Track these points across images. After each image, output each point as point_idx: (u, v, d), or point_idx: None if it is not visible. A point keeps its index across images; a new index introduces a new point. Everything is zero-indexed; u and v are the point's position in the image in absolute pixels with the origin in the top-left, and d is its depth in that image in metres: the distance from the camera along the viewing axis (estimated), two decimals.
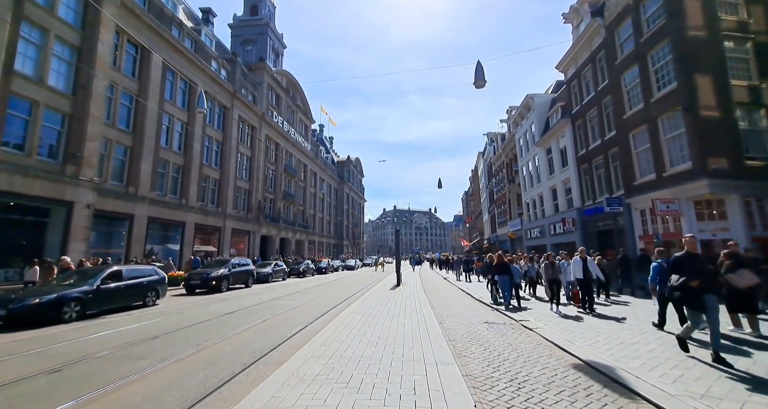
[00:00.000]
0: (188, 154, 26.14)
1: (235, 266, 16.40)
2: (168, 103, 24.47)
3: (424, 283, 18.93)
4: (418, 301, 11.07)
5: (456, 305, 10.68)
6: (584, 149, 18.62)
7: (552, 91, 25.57)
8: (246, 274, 17.26)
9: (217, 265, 15.95)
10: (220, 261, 16.72)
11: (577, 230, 18.82)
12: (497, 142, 38.96)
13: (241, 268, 17.00)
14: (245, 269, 17.33)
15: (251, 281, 17.64)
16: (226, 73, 32.13)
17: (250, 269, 17.84)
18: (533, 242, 26.12)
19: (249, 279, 17.42)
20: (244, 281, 17.13)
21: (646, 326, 6.91)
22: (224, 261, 16.39)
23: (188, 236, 25.90)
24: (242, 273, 16.90)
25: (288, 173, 43.81)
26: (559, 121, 20.90)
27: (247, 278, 17.31)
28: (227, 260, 16.52)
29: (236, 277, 16.30)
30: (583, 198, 18.94)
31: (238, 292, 15.00)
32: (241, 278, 16.83)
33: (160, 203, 23.26)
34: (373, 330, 6.57)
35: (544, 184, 23.93)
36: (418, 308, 9.42)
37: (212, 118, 29.77)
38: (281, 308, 10.24)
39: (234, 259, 16.92)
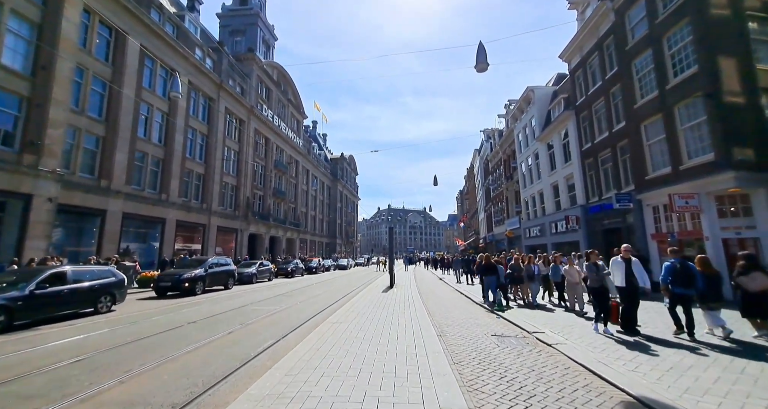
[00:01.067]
0: (169, 146, 24.59)
1: (213, 265, 15.05)
2: (147, 91, 22.90)
3: (419, 284, 17.71)
4: (413, 306, 9.82)
5: (456, 312, 9.45)
6: (589, 143, 17.53)
7: (553, 84, 24.50)
8: (225, 275, 15.89)
9: (193, 265, 14.54)
10: (196, 260, 15.29)
11: (582, 228, 17.74)
12: (494, 139, 37.89)
13: (220, 268, 15.61)
14: (225, 269, 15.94)
15: (232, 283, 16.26)
16: (212, 62, 30.55)
17: (231, 269, 16.46)
18: (532, 241, 25.05)
19: (229, 280, 16.04)
20: (224, 283, 15.78)
21: (685, 340, 5.78)
22: (201, 261, 14.98)
23: (169, 234, 24.38)
24: (221, 274, 15.52)
25: (278, 169, 42.30)
26: (561, 113, 19.81)
27: (227, 279, 15.95)
28: (204, 260, 15.11)
29: (214, 278, 14.93)
30: (587, 195, 17.86)
31: (214, 295, 13.61)
32: (219, 280, 15.47)
33: (137, 198, 21.72)
34: (358, 348, 5.31)
35: (544, 180, 22.85)
36: (414, 317, 8.17)
37: (196, 110, 28.21)
38: (256, 315, 8.91)
39: (212, 258, 15.51)
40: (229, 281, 16.11)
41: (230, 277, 16.20)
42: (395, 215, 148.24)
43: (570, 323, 7.59)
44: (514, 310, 9.35)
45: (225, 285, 15.87)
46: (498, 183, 36.46)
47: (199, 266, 14.19)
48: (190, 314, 8.94)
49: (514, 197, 30.83)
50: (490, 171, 40.66)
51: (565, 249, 17.96)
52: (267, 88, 41.16)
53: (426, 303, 10.77)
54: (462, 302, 11.49)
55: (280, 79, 45.14)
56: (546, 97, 23.37)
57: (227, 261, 16.88)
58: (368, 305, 10.11)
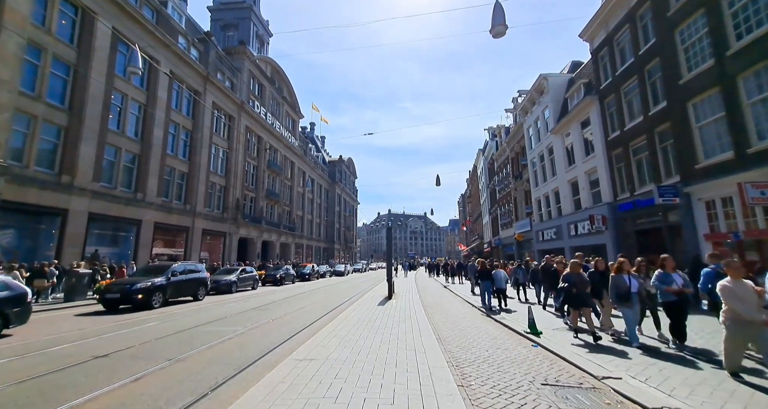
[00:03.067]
0: (147, 141, 22.39)
1: (179, 272, 12.71)
2: (120, 80, 20.76)
3: (421, 294, 15.32)
4: (416, 327, 7.46)
5: (476, 337, 7.07)
6: (617, 131, 15.26)
7: (568, 72, 22.34)
8: (195, 283, 13.54)
9: (154, 272, 12.17)
10: (158, 267, 12.90)
11: (609, 229, 15.39)
12: (500, 137, 35.69)
13: (188, 275, 13.24)
14: (194, 276, 13.56)
15: (203, 293, 13.93)
16: (198, 53, 28.50)
17: (201, 277, 14.07)
18: (546, 245, 22.66)
19: (199, 290, 13.73)
20: (193, 293, 13.47)
21: None
22: (163, 267, 12.58)
23: (145, 237, 22.07)
24: (189, 283, 13.17)
25: (272, 170, 40.10)
26: (582, 100, 17.58)
27: (197, 288, 13.63)
28: (167, 266, 12.70)
29: (179, 287, 12.66)
30: (615, 191, 15.54)
31: (176, 309, 11.19)
32: (187, 289, 13.19)
33: (107, 197, 19.46)
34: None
35: (560, 177, 20.54)
36: (418, 346, 5.82)
37: (179, 103, 26.07)
38: (203, 341, 6.55)
39: (177, 264, 13.09)
40: (200, 290, 13.75)
41: (201, 286, 13.83)
42: (395, 219, 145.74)
43: (655, 356, 5.23)
44: (556, 334, 7.00)
45: (194, 296, 13.52)
46: (505, 183, 34.17)
47: (160, 274, 11.82)
48: (115, 341, 6.57)
49: (523, 198, 28.52)
50: (495, 171, 38.40)
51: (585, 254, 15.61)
52: (260, 85, 39.11)
53: (433, 321, 8.40)
54: (480, 320, 9.09)
55: (275, 75, 43.14)
56: (561, 86, 21.17)
57: (198, 267, 14.50)
58: (358, 324, 7.74)
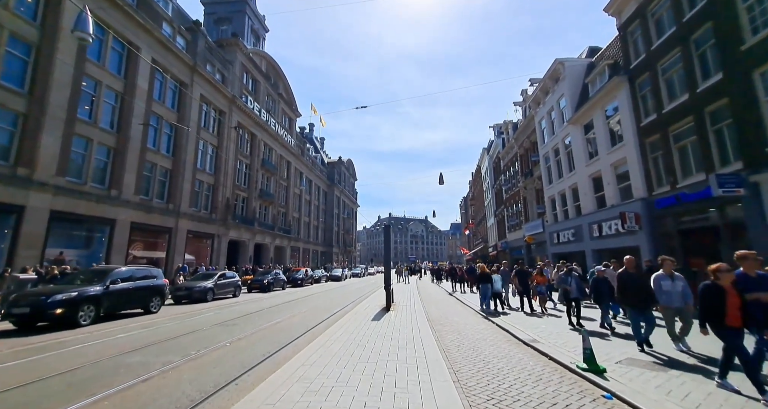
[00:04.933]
0: (123, 133, 20.39)
1: (120, 279, 10.26)
2: (93, 65, 18.83)
3: (425, 305, 13.15)
4: (421, 358, 5.34)
5: (512, 375, 4.91)
6: (653, 115, 13.16)
7: (586, 57, 20.31)
8: (146, 292, 11.25)
9: (89, 279, 9.92)
10: (97, 272, 10.65)
11: (644, 229, 13.23)
12: (507, 133, 33.65)
13: (136, 283, 10.85)
14: (145, 284, 11.19)
15: (158, 303, 11.74)
16: (185, 43, 26.63)
17: (156, 285, 11.73)
18: (561, 248, 20.50)
19: (153, 300, 11.50)
20: (143, 304, 11.21)
21: None
22: (103, 272, 10.31)
23: (120, 238, 19.98)
24: (138, 291, 10.87)
25: (266, 169, 38.10)
26: (607, 83, 15.51)
27: (149, 298, 11.35)
28: (108, 270, 10.45)
29: (123, 298, 10.35)
30: (650, 184, 13.41)
31: (114, 325, 8.83)
32: (135, 300, 10.94)
33: (74, 193, 17.42)
34: None
35: (580, 172, 18.42)
36: (430, 404, 3.66)
37: (163, 94, 24.13)
38: (94, 390, 4.40)
39: (121, 269, 10.84)
40: (153, 301, 11.45)
41: (155, 295, 11.53)
42: (396, 223, 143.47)
43: None
44: (625, 371, 4.85)
45: (145, 307, 11.19)
46: (512, 182, 32.06)
47: (97, 281, 9.68)
48: None
49: (534, 197, 26.38)
50: (502, 170, 36.32)
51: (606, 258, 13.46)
52: (254, 80, 37.27)
53: (444, 346, 6.27)
54: (505, 344, 6.91)
55: (270, 71, 41.33)
56: (579, 71, 19.13)
57: (152, 272, 12.13)
58: (342, 352, 5.62)
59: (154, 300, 11.47)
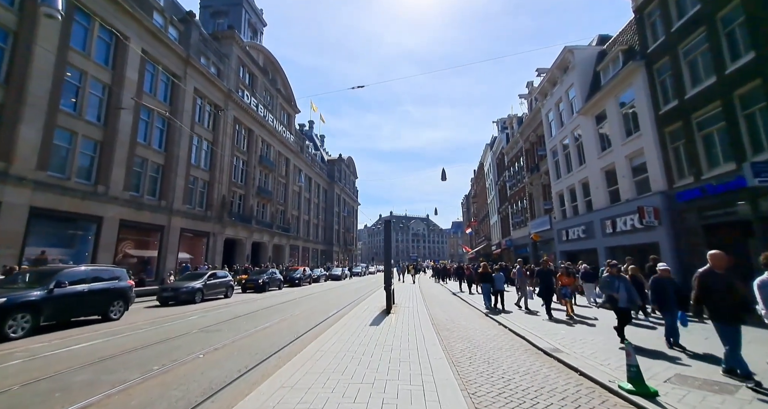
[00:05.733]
0: (111, 126, 19.48)
1: (67, 282, 8.60)
2: (78, 54, 17.91)
3: (429, 306, 12.23)
4: (428, 374, 4.41)
5: (539, 396, 3.98)
6: (673, 101, 12.18)
7: (597, 45, 19.31)
8: (105, 296, 9.69)
9: (33, 281, 8.53)
10: (42, 273, 9.08)
11: (664, 224, 12.28)
12: (512, 128, 32.67)
13: (91, 286, 9.22)
14: (103, 286, 9.56)
15: (120, 309, 10.20)
16: (178, 34, 25.67)
17: (117, 287, 10.09)
18: (571, 246, 19.56)
19: (114, 305, 10.01)
20: (102, 310, 9.74)
21: None
22: (50, 273, 8.88)
23: (108, 237, 19.09)
24: (92, 296, 9.23)
25: (264, 166, 37.18)
26: (621, 70, 14.52)
27: (109, 302, 9.85)
28: (55, 271, 8.94)
29: (74, 303, 8.79)
30: (670, 176, 12.44)
31: (56, 337, 7.55)
32: (90, 305, 9.39)
33: (57, 188, 16.53)
34: None
35: (591, 165, 17.46)
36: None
37: (154, 86, 23.20)
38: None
39: (73, 269, 9.43)
40: (114, 306, 9.98)
41: (117, 299, 10.02)
42: (397, 222, 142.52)
43: None
44: (678, 392, 3.92)
45: (104, 314, 9.75)
46: (517, 178, 31.09)
47: (38, 284, 8.22)
48: None
49: (541, 193, 25.43)
50: (506, 166, 35.33)
51: (621, 255, 12.52)
52: (251, 74, 36.30)
53: (454, 359, 5.34)
54: (520, 353, 5.99)
55: (268, 65, 40.36)
56: (590, 59, 18.14)
57: (115, 273, 10.57)
58: (333, 366, 4.70)
59: (115, 305, 9.96)
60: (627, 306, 6.35)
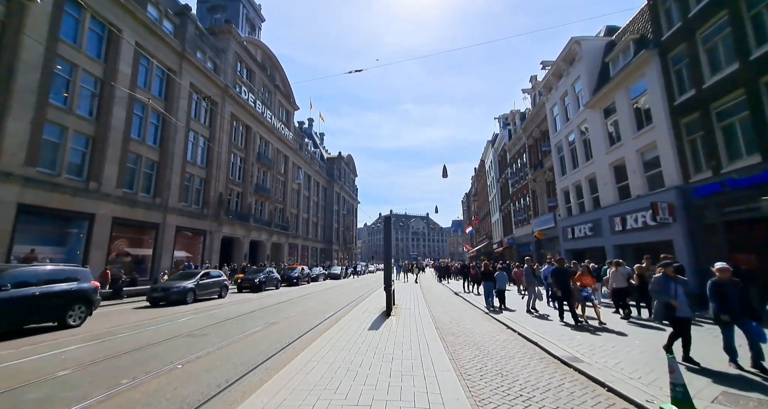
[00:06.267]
0: (104, 121, 18.89)
1: (9, 285, 7.44)
2: (68, 46, 17.30)
3: (432, 309, 11.64)
4: (434, 388, 3.80)
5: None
6: (690, 91, 11.54)
7: (605, 36, 18.63)
8: (60, 300, 8.46)
9: None
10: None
11: (679, 220, 11.66)
12: (515, 124, 32.00)
13: (42, 288, 8.02)
14: (57, 289, 8.35)
15: (80, 313, 8.93)
16: (173, 27, 25.04)
17: (77, 289, 8.88)
18: (576, 244, 18.97)
19: (74, 309, 8.79)
20: (57, 315, 8.46)
21: None
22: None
23: (100, 234, 18.53)
24: (44, 300, 8.05)
25: (262, 163, 36.59)
26: (632, 60, 13.88)
27: (66, 307, 8.59)
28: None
29: (24, 308, 7.68)
30: (686, 171, 11.82)
31: (19, 344, 6.73)
32: (41, 310, 8.14)
33: (46, 185, 15.97)
34: None
35: (598, 161, 16.83)
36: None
37: (148, 81, 22.60)
38: None
39: (21, 269, 8.27)
40: (74, 310, 8.74)
41: (77, 303, 8.79)
42: (397, 220, 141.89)
43: None
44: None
45: (60, 319, 8.44)
46: (520, 175, 30.46)
47: None
48: None
49: (545, 190, 24.80)
50: (508, 163, 34.69)
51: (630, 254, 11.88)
52: (248, 70, 35.66)
53: (463, 371, 4.75)
54: (538, 362, 5.40)
55: (266, 61, 39.71)
56: (598, 50, 17.47)
57: (75, 273, 9.31)
58: (325, 383, 4.11)
59: (75, 310, 8.74)
60: (688, 315, 5.14)
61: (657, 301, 5.51)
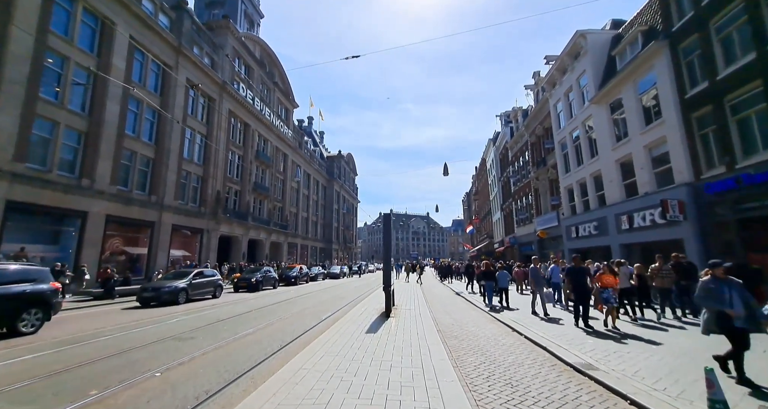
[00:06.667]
0: (97, 116, 18.46)
1: None
2: (58, 38, 16.85)
3: (433, 310, 11.21)
4: (438, 402, 3.36)
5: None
6: (703, 83, 11.09)
7: (611, 29, 18.16)
8: (14, 302, 7.49)
9: None
10: None
11: (690, 218, 11.22)
12: (517, 121, 31.53)
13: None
14: (6, 291, 7.36)
15: (35, 318, 7.88)
16: (169, 22, 24.56)
17: (32, 292, 7.85)
18: (581, 243, 18.53)
19: (28, 313, 7.76)
20: (6, 321, 7.41)
21: None
22: None
23: (93, 233, 18.11)
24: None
25: (261, 161, 36.14)
26: (641, 52, 13.42)
27: (19, 311, 7.57)
28: None
29: None
30: (697, 166, 11.37)
31: None
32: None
33: (36, 181, 15.54)
34: None
35: (604, 157, 16.38)
36: None
37: (143, 76, 22.14)
38: None
39: None
40: (28, 316, 7.71)
41: (32, 307, 7.78)
42: (397, 220, 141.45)
43: None
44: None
45: (9, 326, 7.38)
46: (522, 174, 30.00)
47: None
48: None
49: (547, 188, 24.35)
50: (510, 161, 34.23)
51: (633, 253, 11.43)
52: (247, 66, 35.19)
53: (470, 381, 4.31)
54: (549, 369, 4.96)
55: (264, 57, 39.21)
56: (604, 44, 17.00)
57: (30, 274, 8.20)
58: (315, 397, 3.67)
59: (29, 314, 7.69)
60: (747, 327, 4.24)
61: (707, 310, 4.60)
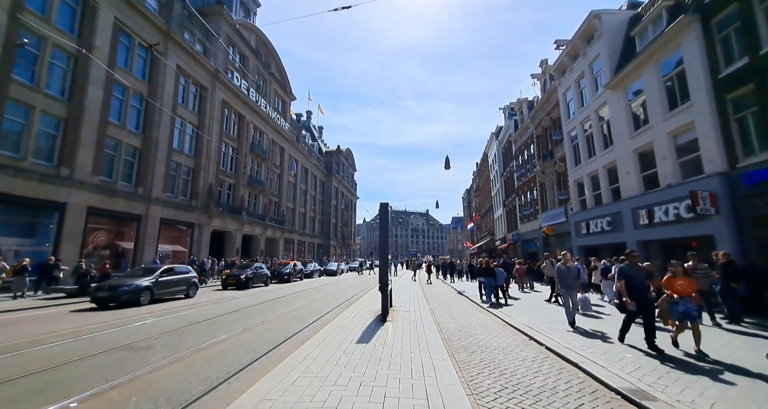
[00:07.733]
0: (77, 102, 17.26)
1: None
2: (35, 17, 15.64)
3: (436, 312, 10.08)
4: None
5: None
6: (741, 60, 9.88)
7: (627, 9, 16.90)
8: None
9: None
10: None
11: (723, 212, 10.05)
12: (522, 113, 30.28)
13: None
14: None
15: None
16: (158, 5, 23.26)
17: None
18: (591, 240, 17.40)
19: None
20: None
21: None
22: None
23: (73, 226, 16.99)
24: None
25: (256, 154, 34.92)
26: (667, 29, 12.17)
27: None
28: None
29: None
30: (732, 154, 10.19)
31: None
32: None
33: (9, 170, 14.45)
34: None
35: (620, 147, 15.18)
36: None
37: (129, 60, 20.84)
38: None
39: None
40: None
41: None
42: (396, 216, 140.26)
43: None
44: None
45: None
46: (527, 168, 28.80)
47: None
48: None
49: (554, 182, 23.17)
50: (514, 155, 33.01)
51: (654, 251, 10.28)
52: (242, 55, 33.88)
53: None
54: (590, 396, 3.84)
55: (261, 47, 37.89)
56: (621, 24, 15.75)
57: None
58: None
59: None
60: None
61: None
